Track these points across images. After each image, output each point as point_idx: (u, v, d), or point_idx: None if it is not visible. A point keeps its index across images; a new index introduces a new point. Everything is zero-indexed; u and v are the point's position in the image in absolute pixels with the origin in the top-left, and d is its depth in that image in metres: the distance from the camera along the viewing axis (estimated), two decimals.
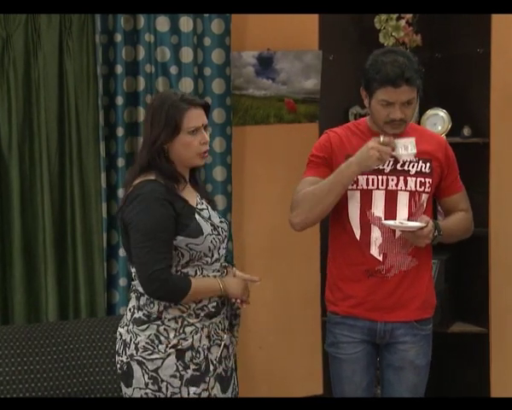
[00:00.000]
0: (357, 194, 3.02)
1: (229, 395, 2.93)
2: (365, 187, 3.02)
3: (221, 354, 2.89)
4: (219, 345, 2.89)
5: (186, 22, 3.93)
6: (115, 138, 3.93)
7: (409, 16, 4.07)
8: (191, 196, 2.87)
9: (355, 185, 3.01)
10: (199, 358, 2.83)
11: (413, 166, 3.01)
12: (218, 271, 2.89)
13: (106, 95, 3.91)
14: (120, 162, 3.92)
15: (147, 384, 2.81)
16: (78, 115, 3.95)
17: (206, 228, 2.82)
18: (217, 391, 2.87)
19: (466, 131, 4.11)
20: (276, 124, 4.31)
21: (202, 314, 2.84)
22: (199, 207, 2.87)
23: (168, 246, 2.76)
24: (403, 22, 4.05)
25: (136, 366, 2.82)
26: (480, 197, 4.05)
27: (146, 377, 2.81)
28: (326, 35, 4.25)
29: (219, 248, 2.88)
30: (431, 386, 4.13)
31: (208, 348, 2.85)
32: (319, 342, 4.43)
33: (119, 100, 3.88)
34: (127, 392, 2.87)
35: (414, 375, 3.11)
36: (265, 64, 4.18)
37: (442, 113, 4.10)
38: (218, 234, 2.88)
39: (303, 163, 4.34)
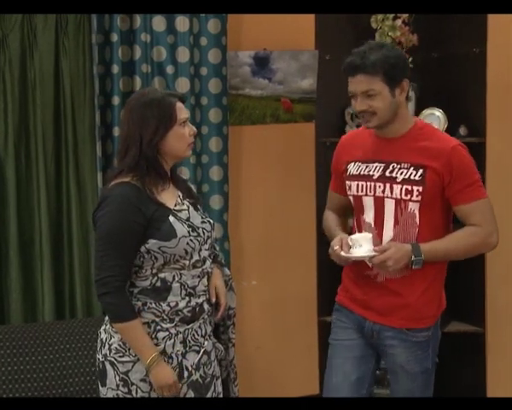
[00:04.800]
0: (352, 199, 3.04)
1: None
2: (355, 193, 3.00)
3: (199, 361, 2.83)
4: (198, 351, 2.84)
5: (182, 22, 3.92)
6: (111, 138, 3.93)
7: (405, 16, 4.07)
8: (170, 197, 2.81)
9: (349, 191, 3.03)
10: (172, 364, 2.77)
11: (401, 173, 2.88)
12: (199, 276, 2.81)
13: (102, 94, 3.91)
14: (121, 163, 3.91)
15: (118, 386, 2.79)
16: (74, 115, 3.95)
17: (181, 230, 2.75)
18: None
19: (462, 130, 4.12)
20: (272, 124, 4.31)
21: (177, 319, 2.77)
22: (177, 208, 2.79)
23: (126, 253, 2.70)
24: (399, 22, 4.05)
25: (108, 366, 2.80)
26: None
27: (117, 378, 2.78)
28: (322, 35, 4.25)
29: (200, 249, 2.81)
30: None
31: (183, 354, 2.80)
32: (316, 342, 4.45)
33: (116, 100, 3.87)
34: (102, 391, 2.84)
35: (408, 380, 3.04)
36: (262, 64, 4.18)
37: (438, 112, 4.11)
38: (198, 235, 2.80)
39: (300, 163, 4.38)
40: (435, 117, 4.10)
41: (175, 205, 2.80)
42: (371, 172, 2.93)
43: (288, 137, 4.33)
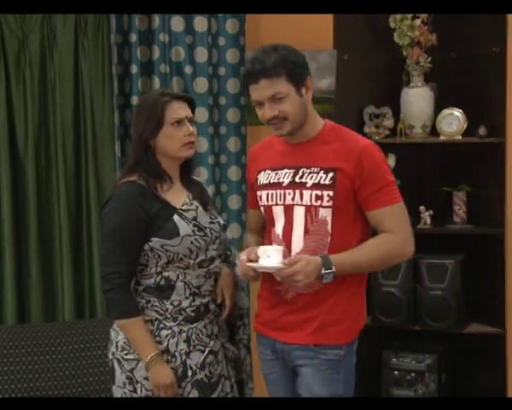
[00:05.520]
0: (263, 211, 2.84)
1: None
2: (266, 203, 2.79)
3: (204, 360, 2.84)
4: (202, 351, 2.84)
5: (201, 22, 3.93)
6: (130, 138, 3.93)
7: (424, 15, 4.05)
8: (177, 196, 2.84)
9: (260, 202, 2.82)
10: (175, 362, 2.79)
11: (311, 178, 2.68)
12: (205, 276, 2.83)
13: (121, 95, 3.93)
14: (129, 162, 3.92)
15: (124, 384, 2.82)
16: (93, 115, 3.97)
17: (185, 229, 2.77)
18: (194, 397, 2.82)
19: (482, 130, 4.08)
20: None
21: (180, 318, 2.80)
22: (184, 207, 2.82)
23: (129, 251, 2.74)
24: (418, 21, 4.03)
25: (116, 364, 2.83)
26: (496, 197, 4.04)
27: (123, 376, 2.81)
28: (341, 34, 4.23)
29: (206, 249, 2.82)
30: (446, 387, 4.13)
31: (187, 353, 2.81)
32: None
33: (135, 100, 3.89)
34: (113, 390, 2.86)
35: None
36: None
37: (457, 112, 4.08)
38: (205, 235, 2.82)
39: None
40: (454, 117, 4.08)
41: (182, 205, 2.83)
42: (281, 180, 2.73)
43: None
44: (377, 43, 4.24)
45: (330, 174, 2.65)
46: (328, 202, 2.65)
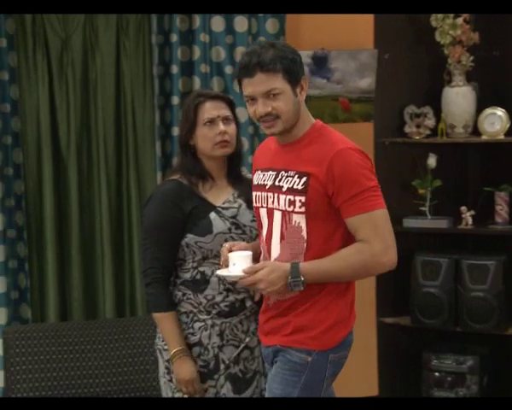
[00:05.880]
0: (254, 212, 2.77)
1: (247, 396, 2.91)
2: (255, 204, 2.72)
3: (239, 355, 2.88)
4: (236, 346, 2.88)
5: (241, 22, 3.94)
6: (171, 138, 3.96)
7: (466, 14, 4.02)
8: (219, 194, 2.89)
9: (253, 203, 2.75)
10: (207, 355, 2.85)
11: (287, 182, 2.57)
12: None
13: (162, 95, 3.95)
14: (175, 162, 3.94)
15: (164, 373, 2.91)
16: (134, 115, 4.00)
17: (220, 227, 2.83)
18: (226, 390, 2.87)
19: None
20: (330, 123, 4.25)
21: (214, 312, 2.85)
22: (225, 205, 2.88)
23: (164, 247, 2.84)
24: (460, 20, 4.00)
25: (158, 354, 2.94)
26: None
27: (163, 366, 2.91)
28: (381, 33, 4.22)
29: None
30: (488, 389, 4.09)
31: (220, 347, 2.86)
32: (374, 343, 4.41)
33: (175, 100, 3.91)
34: (159, 378, 2.97)
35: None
36: (320, 63, 4.17)
37: (500, 112, 4.05)
38: (243, 233, 2.87)
39: None
40: (497, 117, 4.04)
41: (223, 202, 2.88)
42: (265, 182, 2.65)
43: (347, 137, 4.30)
44: (418, 42, 4.22)
45: (303, 179, 2.54)
46: (300, 207, 2.54)
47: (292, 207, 2.55)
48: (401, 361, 4.36)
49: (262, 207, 2.66)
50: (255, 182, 2.71)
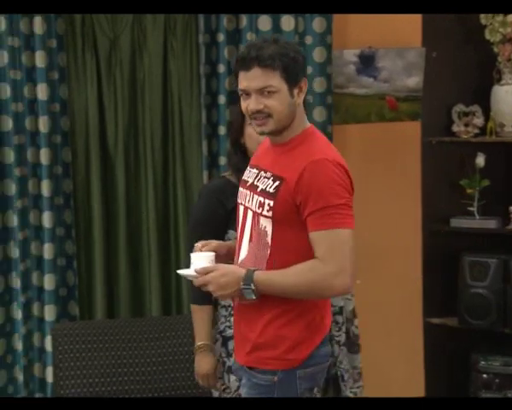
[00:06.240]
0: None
1: None
2: (238, 200, 2.63)
3: None
4: None
5: (288, 21, 3.93)
6: (217, 137, 3.97)
7: None
8: None
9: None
10: None
11: (262, 183, 2.48)
12: None
13: (208, 94, 3.96)
14: (222, 161, 3.95)
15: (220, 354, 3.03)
16: (181, 114, 4.03)
17: None
18: None
19: None
20: (377, 122, 4.27)
21: None
22: None
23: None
24: (510, 17, 3.95)
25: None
26: None
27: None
28: (429, 31, 4.18)
29: None
30: None
31: None
32: (421, 344, 4.37)
33: (222, 99, 3.92)
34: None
35: None
36: (367, 62, 4.15)
37: None
38: None
39: (405, 162, 4.32)
40: None
41: None
42: (248, 179, 2.58)
43: (393, 136, 4.28)
44: (467, 40, 4.17)
45: (276, 183, 2.44)
46: (268, 211, 2.43)
47: (261, 210, 2.45)
48: (448, 363, 4.32)
49: (241, 204, 2.59)
50: (243, 177, 2.65)
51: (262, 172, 2.51)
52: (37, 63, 3.75)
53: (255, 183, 2.51)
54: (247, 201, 2.54)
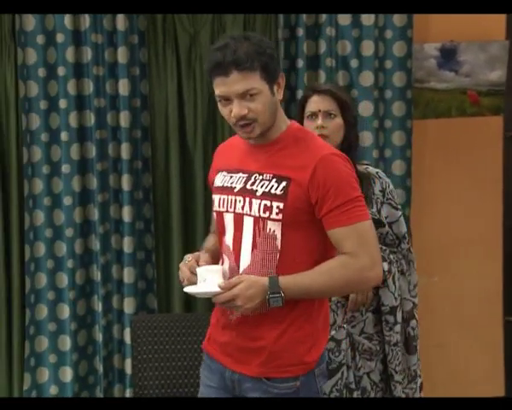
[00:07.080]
0: (215, 217, 2.56)
1: (328, 387, 2.96)
2: (217, 208, 2.50)
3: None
4: None
5: (368, 16, 3.90)
6: None
7: None
8: None
9: (213, 206, 2.54)
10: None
11: (262, 186, 2.37)
12: None
13: (287, 88, 3.95)
14: None
15: None
16: None
17: None
18: None
19: None
20: (458, 117, 4.21)
21: None
22: None
23: None
24: None
25: None
26: None
27: None
28: None
29: None
30: None
31: None
32: (501, 342, 4.31)
33: (300, 93, 3.89)
34: None
35: None
36: (448, 56, 4.09)
37: None
38: None
39: (486, 157, 4.25)
40: None
41: None
42: (233, 185, 2.44)
43: (475, 132, 4.21)
44: None
45: (283, 184, 2.34)
46: (277, 214, 2.34)
47: (267, 214, 2.35)
48: None
49: (228, 211, 2.45)
50: (219, 184, 2.51)
51: (256, 175, 2.41)
52: (119, 59, 3.80)
53: (249, 187, 2.40)
54: (239, 208, 2.42)
